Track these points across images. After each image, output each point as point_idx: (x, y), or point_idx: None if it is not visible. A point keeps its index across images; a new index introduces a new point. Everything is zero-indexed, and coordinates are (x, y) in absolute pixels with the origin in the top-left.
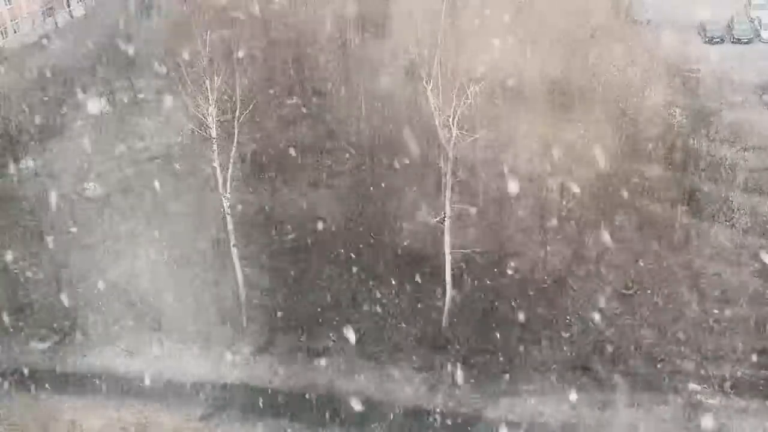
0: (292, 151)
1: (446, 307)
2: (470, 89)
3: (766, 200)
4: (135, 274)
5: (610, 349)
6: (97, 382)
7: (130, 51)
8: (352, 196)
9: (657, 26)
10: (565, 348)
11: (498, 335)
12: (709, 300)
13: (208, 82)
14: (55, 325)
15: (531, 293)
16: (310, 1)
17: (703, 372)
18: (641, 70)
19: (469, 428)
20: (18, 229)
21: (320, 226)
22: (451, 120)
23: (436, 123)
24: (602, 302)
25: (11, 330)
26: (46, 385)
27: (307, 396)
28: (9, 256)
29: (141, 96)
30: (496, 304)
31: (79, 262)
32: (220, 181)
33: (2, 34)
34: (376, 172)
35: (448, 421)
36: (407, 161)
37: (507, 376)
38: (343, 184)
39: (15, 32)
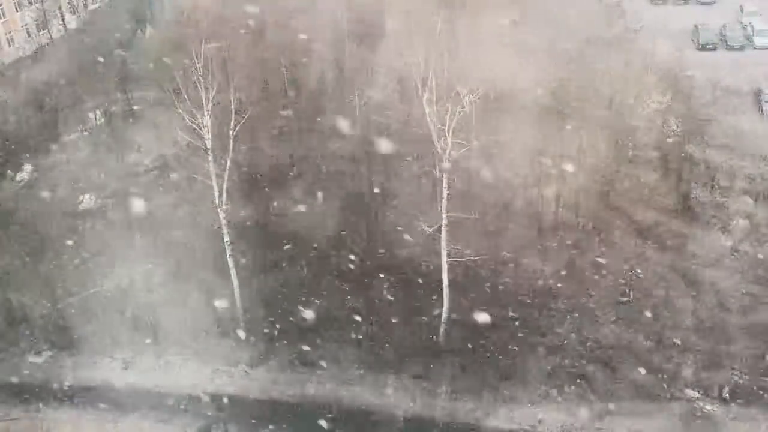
0: (287, 162)
1: (443, 316)
2: (465, 98)
3: (761, 206)
4: (131, 287)
5: (607, 356)
6: (93, 395)
7: (125, 63)
8: (347, 206)
9: (650, 34)
10: (562, 356)
11: (495, 344)
12: (705, 307)
13: (203, 93)
14: (51, 338)
15: (528, 301)
16: (306, 12)
17: (701, 379)
18: (636, 77)
19: None
20: (13, 241)
21: (316, 236)
22: (446, 129)
23: (432, 132)
24: (599, 310)
25: (7, 343)
26: (42, 399)
27: (305, 407)
28: (5, 269)
29: (136, 108)
30: (493, 312)
31: (75, 274)
32: (216, 192)
33: None
34: (372, 182)
35: (448, 429)
36: (403, 171)
37: (505, 384)
38: (339, 194)
39: (9, 45)
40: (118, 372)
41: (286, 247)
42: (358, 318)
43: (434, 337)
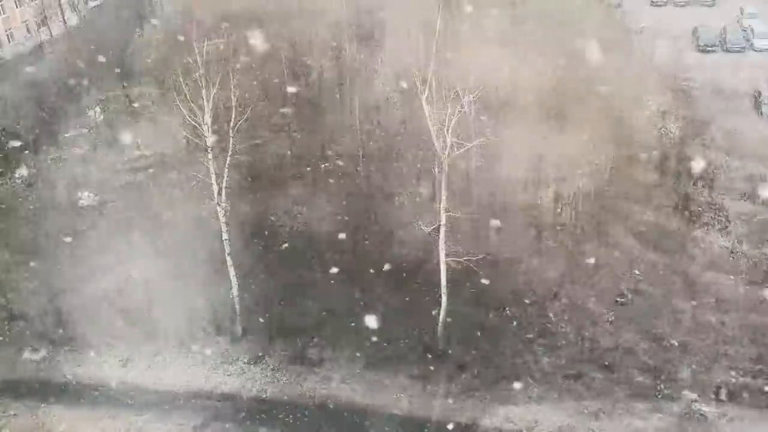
0: (286, 160)
1: (441, 316)
2: (465, 98)
3: (760, 208)
4: (129, 284)
5: (605, 357)
6: (91, 392)
7: (125, 60)
8: (346, 205)
9: (651, 35)
10: (560, 356)
11: (493, 343)
12: (704, 308)
13: (203, 91)
14: (48, 335)
15: (526, 301)
16: (306, 12)
17: (698, 380)
18: (636, 79)
19: None
20: (12, 238)
21: (315, 235)
22: (445, 129)
23: (431, 132)
24: (597, 310)
25: (5, 340)
26: (39, 396)
27: (302, 405)
28: (3, 266)
29: (135, 105)
30: (491, 312)
31: (73, 271)
32: (215, 189)
33: None
34: (371, 181)
35: (445, 429)
36: (402, 170)
37: (503, 384)
38: (338, 193)
39: (9, 42)
40: (116, 369)
41: (284, 245)
42: (355, 316)
43: (432, 336)
